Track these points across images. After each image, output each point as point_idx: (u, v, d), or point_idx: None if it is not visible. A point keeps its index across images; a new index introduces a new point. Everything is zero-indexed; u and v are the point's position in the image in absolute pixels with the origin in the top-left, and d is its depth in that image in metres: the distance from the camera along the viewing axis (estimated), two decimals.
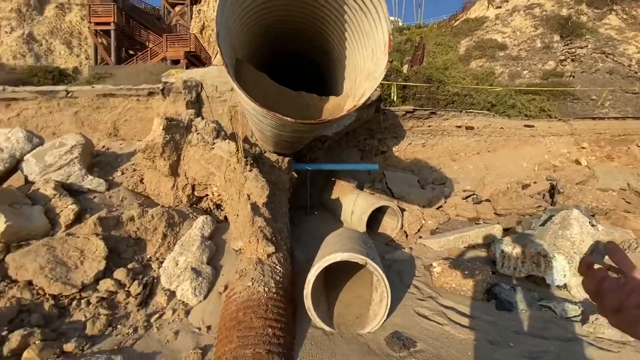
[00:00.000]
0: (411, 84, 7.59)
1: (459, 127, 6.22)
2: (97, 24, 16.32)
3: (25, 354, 1.83)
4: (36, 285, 2.31)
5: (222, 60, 1.48)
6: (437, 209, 4.74)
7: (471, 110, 6.48)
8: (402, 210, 4.23)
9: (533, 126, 6.67)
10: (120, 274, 2.50)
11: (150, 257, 2.81)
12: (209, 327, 2.20)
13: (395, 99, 6.49)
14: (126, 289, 2.46)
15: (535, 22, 13.44)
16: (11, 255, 2.41)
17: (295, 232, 3.90)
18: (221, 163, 3.30)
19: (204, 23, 18.89)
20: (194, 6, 20.69)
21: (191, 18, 20.75)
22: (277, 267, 2.55)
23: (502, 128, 6.50)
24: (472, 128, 6.32)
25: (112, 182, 3.49)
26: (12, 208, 2.65)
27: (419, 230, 4.21)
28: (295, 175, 4.02)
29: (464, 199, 5.06)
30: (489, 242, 3.62)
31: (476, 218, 4.67)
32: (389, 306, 2.31)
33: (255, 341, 1.93)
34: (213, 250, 2.77)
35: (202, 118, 3.59)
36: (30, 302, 2.21)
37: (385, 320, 2.34)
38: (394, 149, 5.71)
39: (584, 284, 0.62)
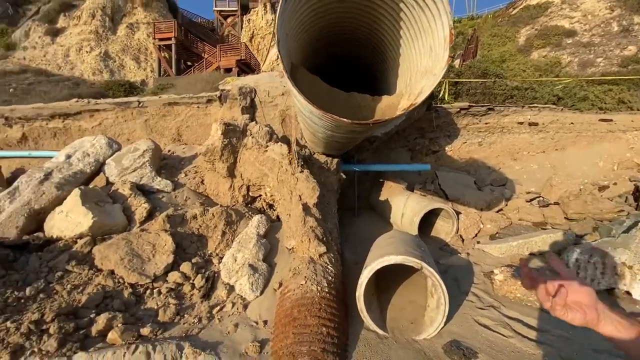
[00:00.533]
0: (464, 80, 7.18)
1: (521, 123, 5.73)
2: (160, 39, 17.97)
3: (110, 335, 2.07)
4: (117, 275, 2.60)
5: (282, 66, 1.55)
6: (497, 212, 4.41)
7: (535, 105, 5.92)
8: (458, 213, 4.02)
9: (611, 120, 5.89)
10: (186, 267, 2.72)
11: (211, 253, 3.01)
12: (265, 322, 2.29)
13: (446, 96, 6.18)
14: (191, 281, 2.66)
15: (610, 3, 11.91)
16: (97, 247, 2.75)
17: (344, 234, 3.90)
18: (274, 165, 3.43)
19: (253, 32, 19.80)
20: (244, 16, 21.79)
21: (241, 28, 21.88)
22: (329, 267, 2.58)
23: (572, 123, 5.85)
24: (536, 124, 5.77)
25: (177, 183, 3.81)
26: (98, 206, 3.02)
27: (476, 235, 3.96)
28: (344, 176, 4.03)
29: (528, 201, 4.64)
30: (559, 249, 3.27)
31: (542, 223, 4.26)
32: (446, 313, 2.21)
33: (310, 339, 1.96)
34: (268, 248, 2.89)
35: (256, 122, 3.77)
36: (113, 289, 2.50)
37: (442, 328, 2.24)
38: (446, 148, 5.44)
39: (522, 282, 0.84)
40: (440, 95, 6.25)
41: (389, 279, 2.86)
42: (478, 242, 3.73)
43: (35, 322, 2.01)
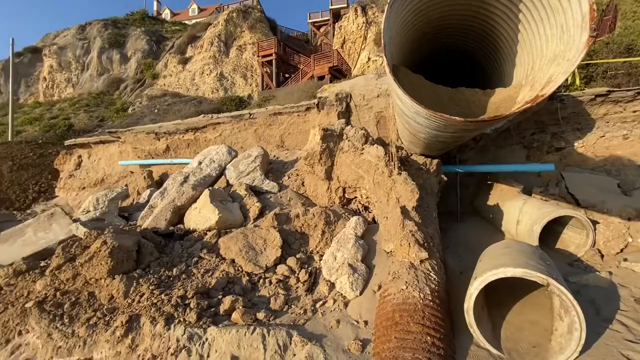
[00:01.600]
0: (599, 61, 5.88)
1: None
2: (263, 56, 20.07)
3: (233, 315, 2.40)
4: (237, 263, 3.01)
5: (387, 69, 1.56)
6: None
7: None
8: (594, 222, 3.31)
9: None
10: (291, 261, 2.97)
11: (312, 250, 3.21)
12: (366, 322, 2.32)
13: (577, 81, 5.15)
14: (296, 275, 2.89)
15: None
16: (222, 238, 3.24)
17: (445, 240, 3.65)
18: (370, 167, 3.45)
19: (344, 37, 20.31)
20: (336, 24, 22.55)
21: (333, 35, 22.70)
22: (431, 274, 2.45)
23: None
24: None
25: (282, 185, 4.19)
26: (222, 204, 3.56)
27: (622, 250, 3.19)
28: (445, 178, 3.78)
29: None
30: None
31: None
32: (582, 341, 1.85)
33: (414, 346, 1.90)
34: (366, 249, 2.92)
35: (352, 126, 3.86)
36: (234, 276, 2.90)
37: (576, 358, 1.88)
38: (575, 144, 4.52)
39: None
40: (570, 81, 5.25)
41: (502, 293, 2.55)
42: (625, 260, 2.99)
43: (180, 297, 2.48)
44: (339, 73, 17.20)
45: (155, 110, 18.58)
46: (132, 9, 36.83)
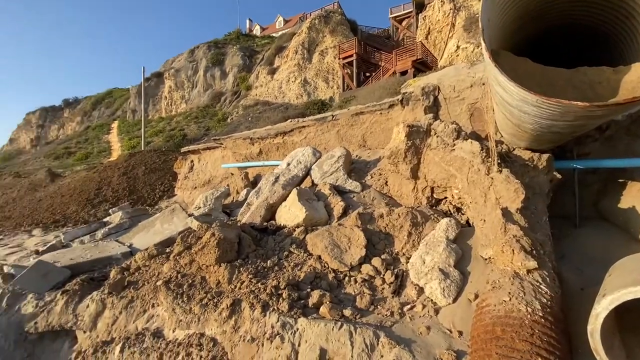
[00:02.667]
0: None
1: None
2: (344, 58, 20.37)
3: (321, 309, 2.50)
4: (323, 260, 3.12)
5: (485, 54, 1.41)
6: None
7: None
8: None
9: None
10: (376, 262, 2.94)
11: (397, 252, 3.11)
12: (460, 333, 2.15)
13: None
14: (381, 275, 2.84)
15: None
16: (309, 235, 3.41)
17: (559, 248, 3.11)
18: (462, 164, 3.17)
19: (429, 28, 19.16)
20: (419, 15, 21.43)
21: (417, 27, 21.64)
22: (542, 286, 2.12)
23: None
24: None
25: (365, 185, 4.18)
26: (308, 202, 3.75)
27: None
28: (558, 176, 3.22)
29: None
30: None
31: None
32: None
33: None
34: (459, 254, 2.69)
35: (441, 121, 3.61)
36: (320, 272, 3.01)
37: None
38: None
39: None
40: None
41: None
42: None
43: (274, 287, 2.70)
44: (423, 66, 16.31)
45: (249, 118, 20.62)
46: (229, 30, 41.77)
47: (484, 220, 2.78)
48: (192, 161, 9.67)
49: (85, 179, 12.26)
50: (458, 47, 14.49)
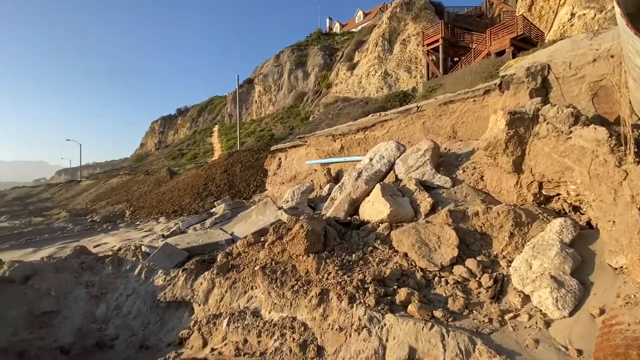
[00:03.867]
0: None
1: None
2: (428, 44, 19.08)
3: (409, 307, 2.43)
4: (410, 257, 3.03)
5: (622, 19, 1.15)
6: None
7: None
8: None
9: None
10: (471, 263, 2.71)
11: (496, 254, 2.81)
12: (579, 352, 1.83)
13: None
14: (477, 279, 2.61)
15: None
16: (393, 231, 3.34)
17: None
18: (583, 155, 2.67)
19: None
20: None
21: (516, 0, 18.88)
22: None
23: None
24: None
25: (456, 179, 3.88)
26: (392, 198, 3.67)
27: None
28: None
29: None
30: None
31: None
32: None
33: None
34: (577, 260, 2.29)
35: (552, 105, 3.09)
36: (407, 269, 2.93)
37: None
38: None
39: None
40: None
41: None
42: None
43: (360, 281, 2.74)
44: (525, 43, 14.18)
45: (330, 116, 21.10)
46: (311, 31, 43.35)
47: (614, 222, 2.30)
48: (279, 159, 10.40)
49: (195, 176, 14.37)
50: (573, 14, 12.09)
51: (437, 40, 18.47)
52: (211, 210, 7.62)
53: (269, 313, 3.00)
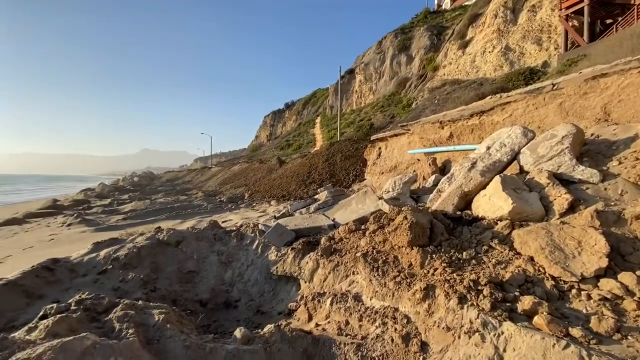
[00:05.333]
0: None
1: None
2: (567, 7, 15.55)
3: (535, 319, 2.10)
4: (537, 262, 2.60)
5: None
6: None
7: None
8: None
9: None
10: (627, 278, 2.16)
11: None
12: None
13: None
14: (635, 298, 2.07)
15: None
16: (516, 231, 2.91)
17: None
18: None
19: None
20: None
21: None
22: None
23: None
24: None
25: (607, 173, 3.10)
26: (515, 192, 3.18)
27: None
28: None
29: None
30: None
31: None
32: None
33: None
34: None
35: None
36: (533, 276, 2.52)
37: None
38: None
39: None
40: None
41: None
42: None
43: (472, 281, 2.50)
44: None
45: (435, 101, 19.61)
46: (417, 11, 40.63)
47: None
48: (379, 148, 10.27)
49: (300, 164, 15.51)
50: None
51: (582, 1, 14.84)
52: (315, 197, 8.12)
53: (370, 300, 3.04)
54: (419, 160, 7.64)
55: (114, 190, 28.43)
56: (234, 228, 5.93)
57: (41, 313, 2.47)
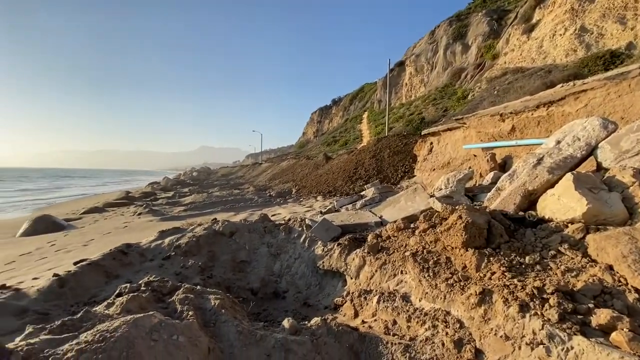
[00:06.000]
0: None
1: None
2: None
3: (613, 335, 1.85)
4: (616, 272, 2.28)
5: None
6: None
7: None
8: None
9: None
10: None
11: None
12: None
13: None
14: None
15: None
16: (591, 236, 2.58)
17: None
18: None
19: None
20: None
21: None
22: None
23: None
24: None
25: None
26: (591, 192, 2.82)
27: None
28: None
29: None
30: None
31: None
32: None
33: None
34: None
35: None
36: (612, 287, 2.22)
37: None
38: None
39: None
40: None
41: None
42: None
43: (537, 289, 2.27)
44: None
45: (495, 92, 18.15)
46: None
47: None
48: (431, 143, 9.81)
49: (346, 160, 15.47)
50: None
51: None
52: (361, 193, 8.04)
53: (420, 301, 2.94)
54: (475, 156, 7.16)
55: (176, 184, 31.13)
56: (283, 222, 6.12)
57: (117, 291, 2.80)
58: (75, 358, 1.57)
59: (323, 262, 4.42)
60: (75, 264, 3.96)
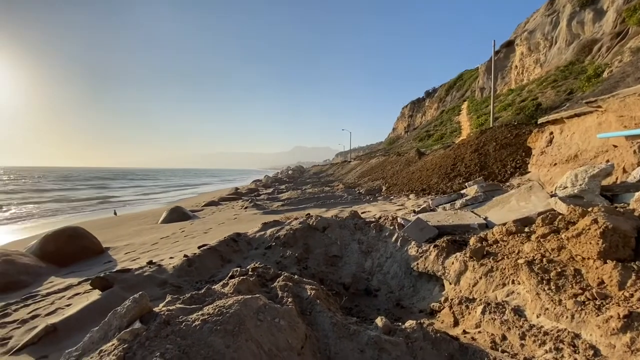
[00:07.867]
0: None
1: None
2: None
3: None
4: None
5: None
6: None
7: None
8: None
9: None
10: None
11: None
12: None
13: None
14: None
15: None
16: None
17: None
18: None
19: None
20: None
21: None
22: None
23: None
24: None
25: None
26: None
27: None
28: None
29: None
30: None
31: None
32: None
33: None
34: None
35: None
36: None
37: None
38: None
39: None
40: None
41: None
42: None
43: None
44: None
45: None
46: None
47: None
48: (551, 133, 8.31)
49: (442, 156, 14.36)
50: None
51: None
52: (461, 192, 7.35)
53: (537, 317, 2.51)
54: (615, 146, 5.78)
55: (275, 182, 34.24)
56: (373, 219, 6.07)
57: (230, 274, 3.23)
58: (200, 326, 1.87)
59: (417, 264, 4.21)
60: (199, 247, 4.73)
